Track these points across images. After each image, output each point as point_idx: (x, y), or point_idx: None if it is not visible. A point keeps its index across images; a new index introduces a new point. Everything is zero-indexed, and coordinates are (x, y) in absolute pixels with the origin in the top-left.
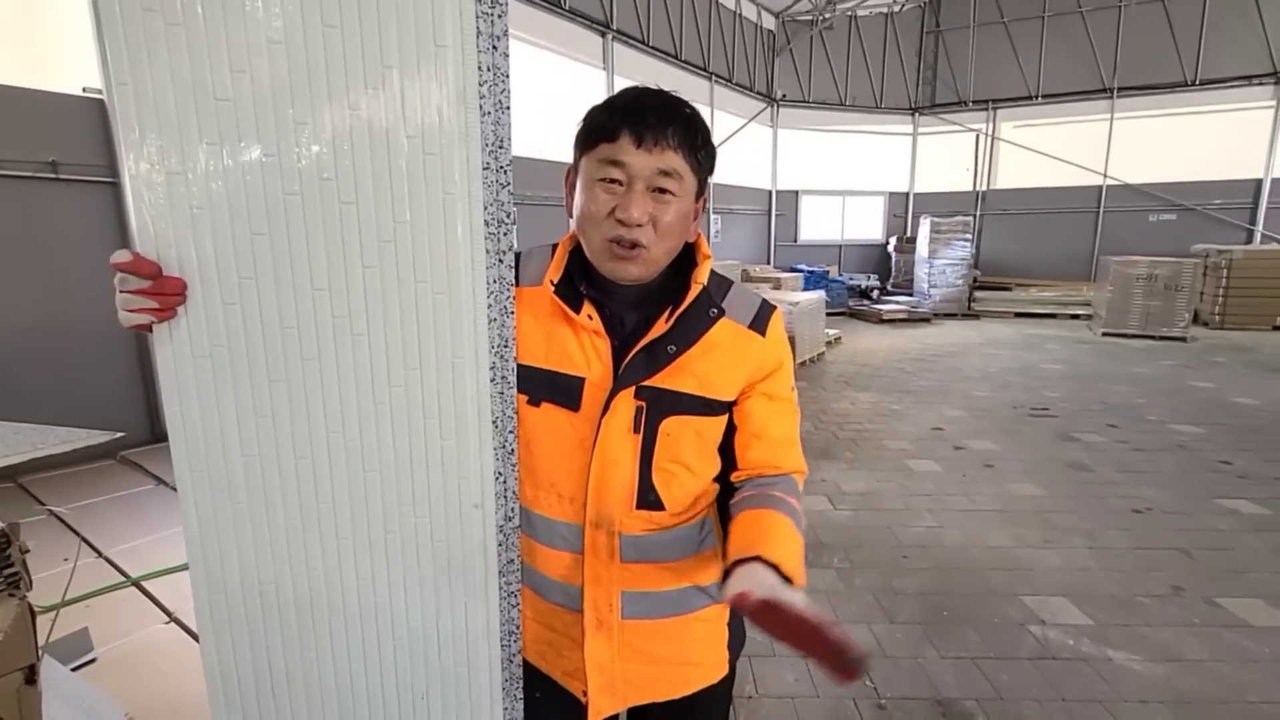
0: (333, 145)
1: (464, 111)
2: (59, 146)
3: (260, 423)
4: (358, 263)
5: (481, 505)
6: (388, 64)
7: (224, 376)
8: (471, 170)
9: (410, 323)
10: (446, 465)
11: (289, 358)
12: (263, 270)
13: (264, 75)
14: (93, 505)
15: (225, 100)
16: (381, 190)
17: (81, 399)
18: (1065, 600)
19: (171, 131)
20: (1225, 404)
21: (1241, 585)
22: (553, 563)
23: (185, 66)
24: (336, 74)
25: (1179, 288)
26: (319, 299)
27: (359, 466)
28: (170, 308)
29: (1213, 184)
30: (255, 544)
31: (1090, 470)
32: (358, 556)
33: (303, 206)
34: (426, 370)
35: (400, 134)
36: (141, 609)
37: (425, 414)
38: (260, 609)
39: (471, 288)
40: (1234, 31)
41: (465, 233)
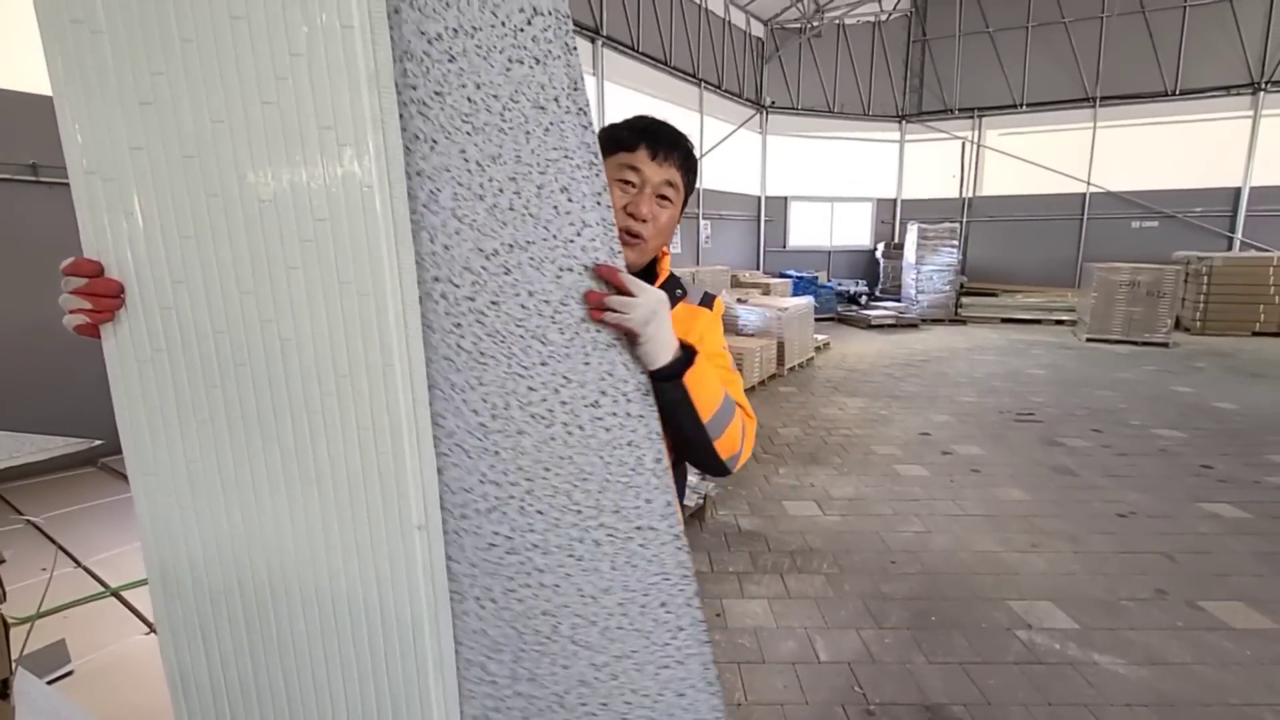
0: (248, 141)
1: (376, 95)
2: (39, 148)
3: (201, 428)
4: (281, 263)
5: (425, 527)
6: (295, 51)
7: (165, 381)
8: (391, 160)
9: (338, 326)
10: (385, 482)
11: (222, 362)
12: (192, 273)
13: (179, 75)
14: (71, 514)
15: (148, 103)
16: (298, 187)
17: (62, 404)
18: (1051, 604)
19: (103, 137)
20: (1206, 408)
21: (1223, 588)
22: None
23: (110, 73)
24: (246, 67)
25: (1161, 294)
26: (246, 302)
27: (296, 477)
28: (107, 310)
29: (1193, 192)
30: (204, 551)
31: (1075, 475)
32: (300, 571)
33: (224, 207)
34: (357, 377)
35: (312, 124)
36: (120, 620)
37: (359, 424)
38: (212, 616)
39: (399, 289)
40: (1213, 43)
41: (387, 229)
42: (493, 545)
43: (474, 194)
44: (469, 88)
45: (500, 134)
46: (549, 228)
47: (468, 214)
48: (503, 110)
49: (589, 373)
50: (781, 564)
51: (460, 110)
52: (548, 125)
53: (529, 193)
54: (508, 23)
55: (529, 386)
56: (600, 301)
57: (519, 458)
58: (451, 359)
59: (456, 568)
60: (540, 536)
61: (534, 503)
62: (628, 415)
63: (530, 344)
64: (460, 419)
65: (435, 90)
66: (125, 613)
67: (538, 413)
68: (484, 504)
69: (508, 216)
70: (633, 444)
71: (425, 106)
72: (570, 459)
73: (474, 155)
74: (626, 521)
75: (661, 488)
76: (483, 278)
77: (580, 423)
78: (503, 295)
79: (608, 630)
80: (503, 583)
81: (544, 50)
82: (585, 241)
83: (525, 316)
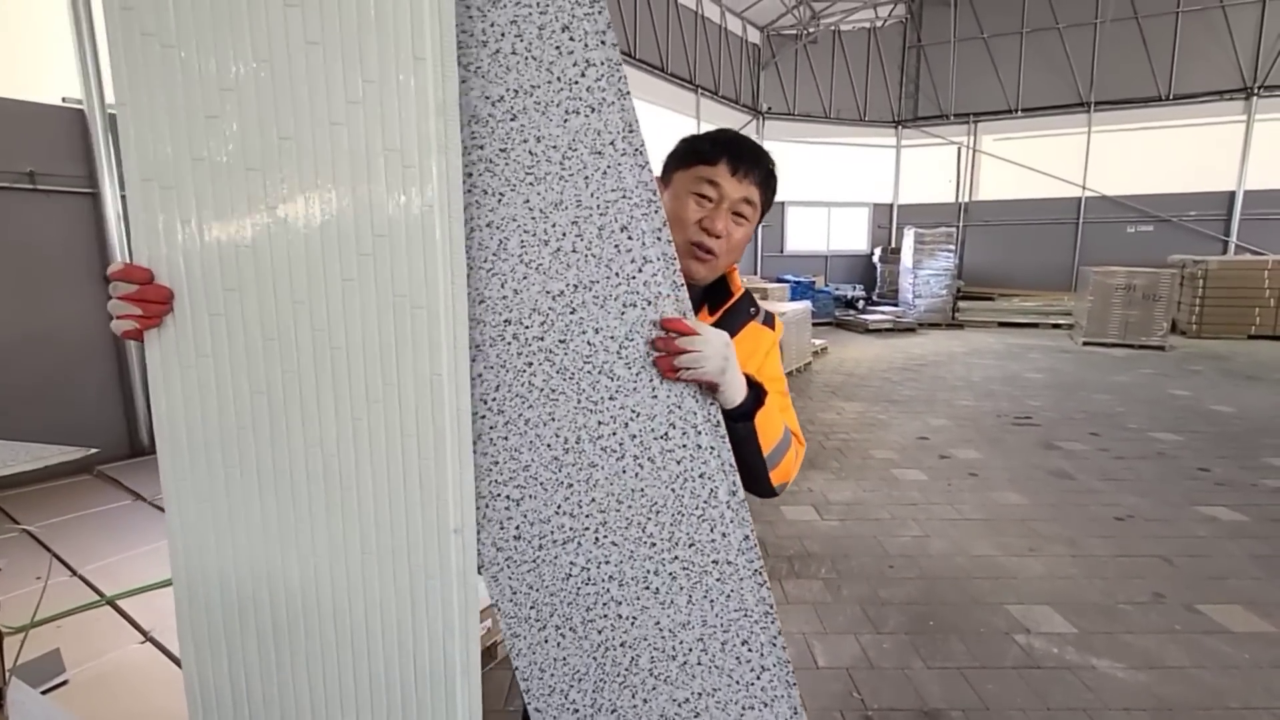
0: (314, 159)
1: (443, 124)
2: (37, 157)
3: (241, 434)
4: (337, 276)
5: (461, 531)
6: (368, 78)
7: (209, 386)
8: (451, 183)
9: (389, 337)
10: (425, 487)
11: (270, 370)
12: (246, 281)
13: (250, 93)
14: (68, 522)
15: (214, 118)
16: (360, 204)
17: (59, 412)
18: (1049, 609)
19: (165, 148)
20: (1202, 411)
21: (1221, 591)
22: None
23: (178, 86)
24: (318, 89)
25: (1157, 297)
26: (299, 311)
27: (336, 484)
28: (156, 315)
29: (1188, 196)
30: (235, 558)
31: (1072, 478)
32: (334, 577)
33: (284, 219)
34: (405, 386)
35: (379, 147)
36: (116, 629)
37: (404, 432)
38: (239, 627)
39: (450, 303)
40: (1205, 49)
41: (444, 247)
42: (570, 575)
43: (539, 240)
44: (530, 142)
45: (561, 181)
46: (611, 266)
47: (534, 259)
48: (562, 159)
49: (657, 406)
50: (779, 569)
51: (523, 164)
52: (605, 169)
53: (590, 234)
54: (563, 77)
55: (599, 421)
56: (671, 363)
57: (592, 490)
58: (524, 396)
59: (536, 595)
60: (616, 568)
61: (608, 534)
62: (698, 448)
63: (598, 379)
64: (535, 453)
65: (500, 148)
66: (121, 621)
67: (608, 446)
68: (560, 535)
69: (571, 259)
70: (705, 476)
71: (492, 164)
72: (642, 491)
73: (537, 204)
74: (702, 555)
75: (738, 521)
76: (550, 318)
77: (650, 455)
78: (570, 334)
79: (687, 665)
80: (581, 612)
81: (598, 99)
82: (647, 277)
83: (592, 353)
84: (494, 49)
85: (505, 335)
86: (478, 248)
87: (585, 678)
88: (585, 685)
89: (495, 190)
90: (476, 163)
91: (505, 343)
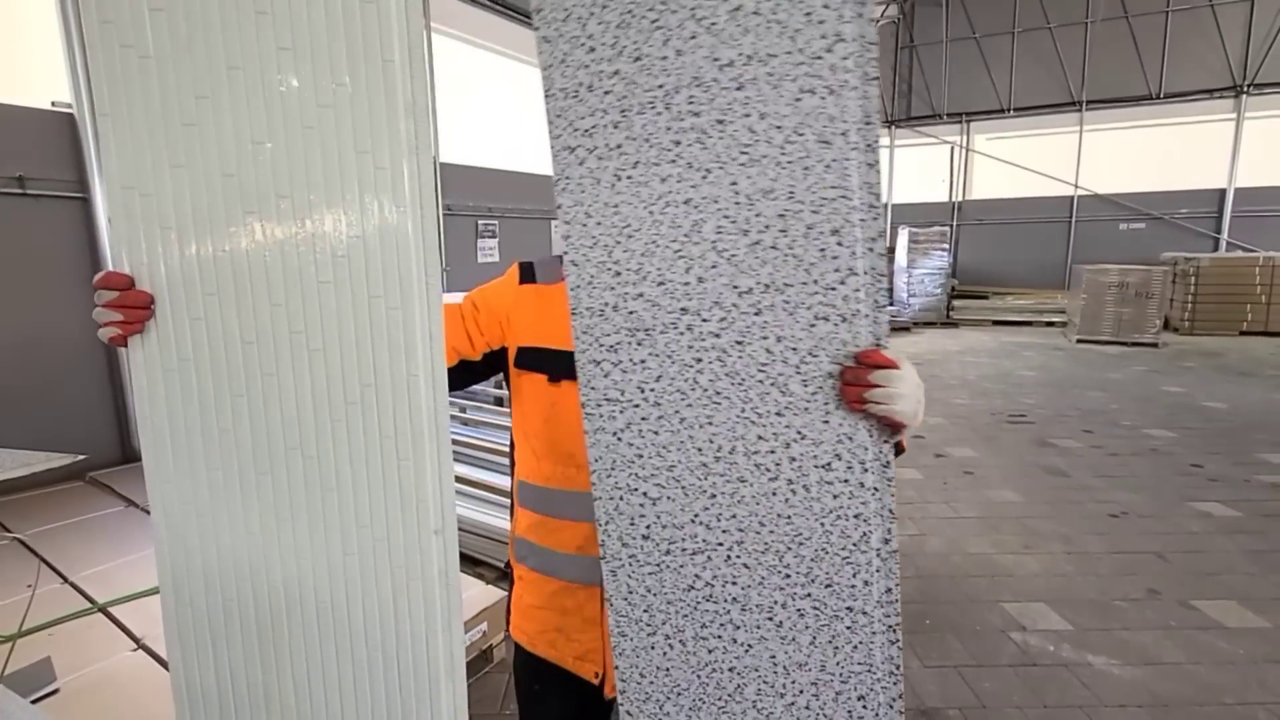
0: (288, 162)
1: (413, 124)
2: (26, 161)
3: (223, 437)
4: (313, 278)
5: (442, 532)
6: (338, 81)
7: (190, 390)
8: (424, 183)
9: (365, 338)
10: (404, 486)
11: (249, 372)
12: (225, 286)
13: (224, 99)
14: (59, 529)
15: (191, 125)
16: (335, 205)
17: (50, 418)
18: (1045, 606)
19: (144, 156)
20: (1195, 408)
21: (1215, 587)
22: (571, 536)
23: (155, 95)
24: (290, 94)
25: (1150, 295)
26: (277, 314)
27: (317, 485)
28: (137, 321)
29: (1179, 194)
30: (219, 558)
31: (1067, 476)
32: (316, 577)
33: (261, 223)
34: (382, 388)
35: (350, 149)
36: (108, 636)
37: (382, 432)
38: (224, 625)
39: (425, 302)
40: (1195, 48)
41: (417, 246)
42: (692, 587)
43: (738, 228)
44: (753, 117)
45: (777, 168)
46: (811, 271)
47: (728, 248)
48: (784, 143)
49: (826, 432)
50: None
51: (739, 140)
52: (830, 161)
53: (796, 232)
54: (806, 50)
55: (759, 435)
56: (861, 395)
57: (735, 506)
58: (685, 393)
59: (652, 600)
60: (742, 591)
61: (742, 555)
62: (860, 486)
63: (769, 391)
64: (684, 454)
65: (718, 119)
66: (113, 629)
67: (763, 464)
68: (692, 544)
69: (769, 255)
70: (861, 517)
71: (704, 135)
72: (789, 519)
73: (745, 188)
74: (837, 598)
75: (885, 572)
76: (732, 316)
77: (807, 483)
78: (749, 336)
79: (794, 707)
80: (695, 627)
81: (840, 80)
82: (849, 291)
83: (769, 362)
84: (734, 4)
85: (679, 324)
86: (669, 225)
87: (685, 693)
88: (683, 701)
89: (702, 165)
90: (688, 130)
91: (678, 332)
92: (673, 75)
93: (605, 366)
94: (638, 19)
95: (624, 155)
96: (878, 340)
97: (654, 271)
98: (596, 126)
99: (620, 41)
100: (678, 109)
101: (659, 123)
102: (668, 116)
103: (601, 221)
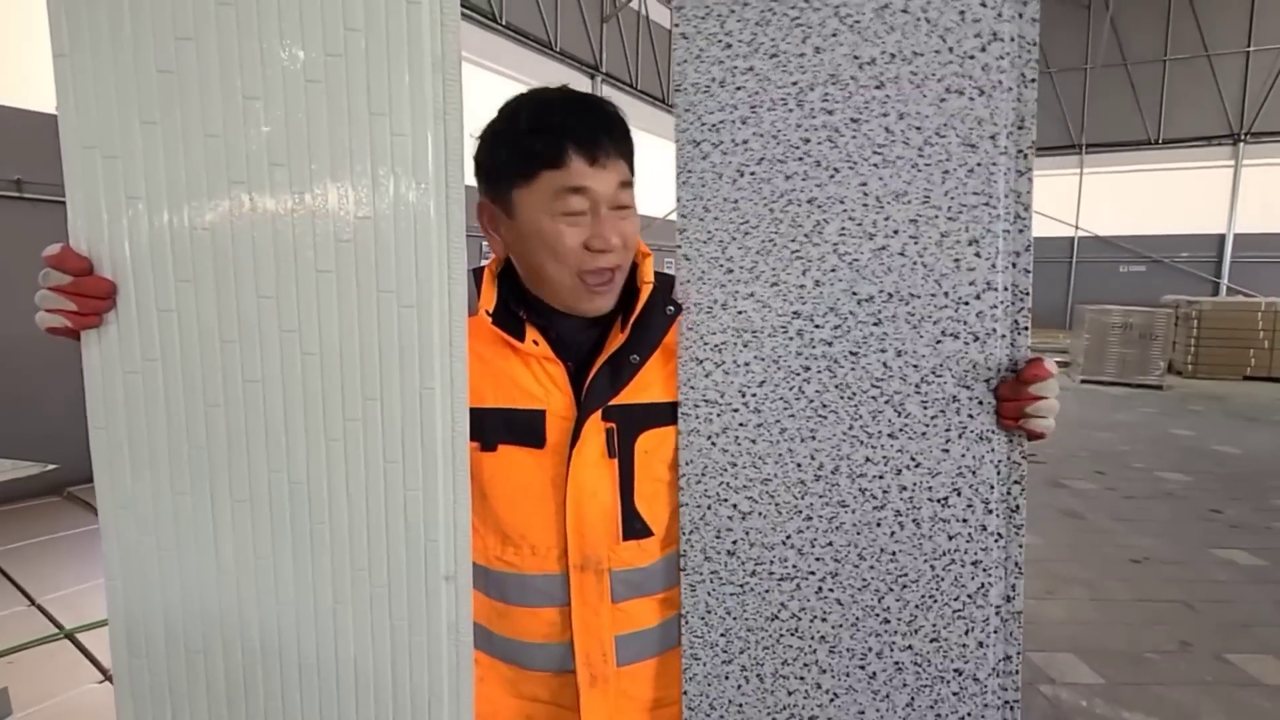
0: (285, 124)
1: (440, 83)
2: (25, 164)
3: (194, 454)
4: (311, 266)
5: (454, 578)
6: (350, 26)
7: (156, 396)
8: (450, 156)
9: (371, 341)
10: (411, 523)
11: (229, 378)
12: (202, 272)
13: (211, 42)
14: (30, 546)
15: (167, 72)
16: (341, 179)
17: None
18: (1073, 657)
19: (109, 109)
20: (1207, 452)
21: (1249, 640)
22: (534, 624)
23: (127, 34)
24: (291, 39)
25: (1154, 337)
26: (265, 308)
27: (305, 517)
28: (94, 312)
29: (1179, 237)
30: (184, 603)
31: (1083, 518)
32: (300, 628)
33: (249, 196)
34: (389, 402)
35: (363, 110)
36: (73, 665)
37: (387, 457)
38: (185, 682)
39: (447, 301)
40: (1193, 95)
41: (440, 233)
42: (776, 617)
43: (864, 232)
44: (891, 116)
45: (913, 170)
46: (942, 283)
47: (850, 252)
48: (923, 144)
49: (946, 462)
50: None
51: (874, 140)
52: (974, 166)
53: (929, 240)
54: (957, 49)
55: (866, 457)
56: (1020, 410)
57: (832, 533)
58: (789, 402)
59: (731, 625)
60: (832, 630)
61: (836, 589)
62: (982, 529)
63: (882, 410)
64: (780, 468)
65: (852, 117)
66: (79, 658)
67: (869, 489)
68: (780, 569)
69: (895, 263)
70: (980, 565)
71: (836, 134)
72: (893, 555)
73: (875, 189)
74: (944, 657)
75: (1005, 635)
76: (848, 324)
77: (918, 517)
78: (865, 348)
79: None
80: (775, 663)
81: (993, 81)
82: (984, 307)
83: (885, 378)
84: (882, 2)
85: (790, 329)
86: (789, 223)
87: None
88: None
89: (830, 164)
90: (819, 128)
91: (788, 337)
92: (809, 72)
93: (707, 366)
94: (778, 16)
95: (749, 151)
96: (1014, 365)
97: (768, 271)
98: (724, 122)
99: (758, 38)
100: (810, 106)
101: (789, 120)
102: (799, 114)
103: (719, 216)
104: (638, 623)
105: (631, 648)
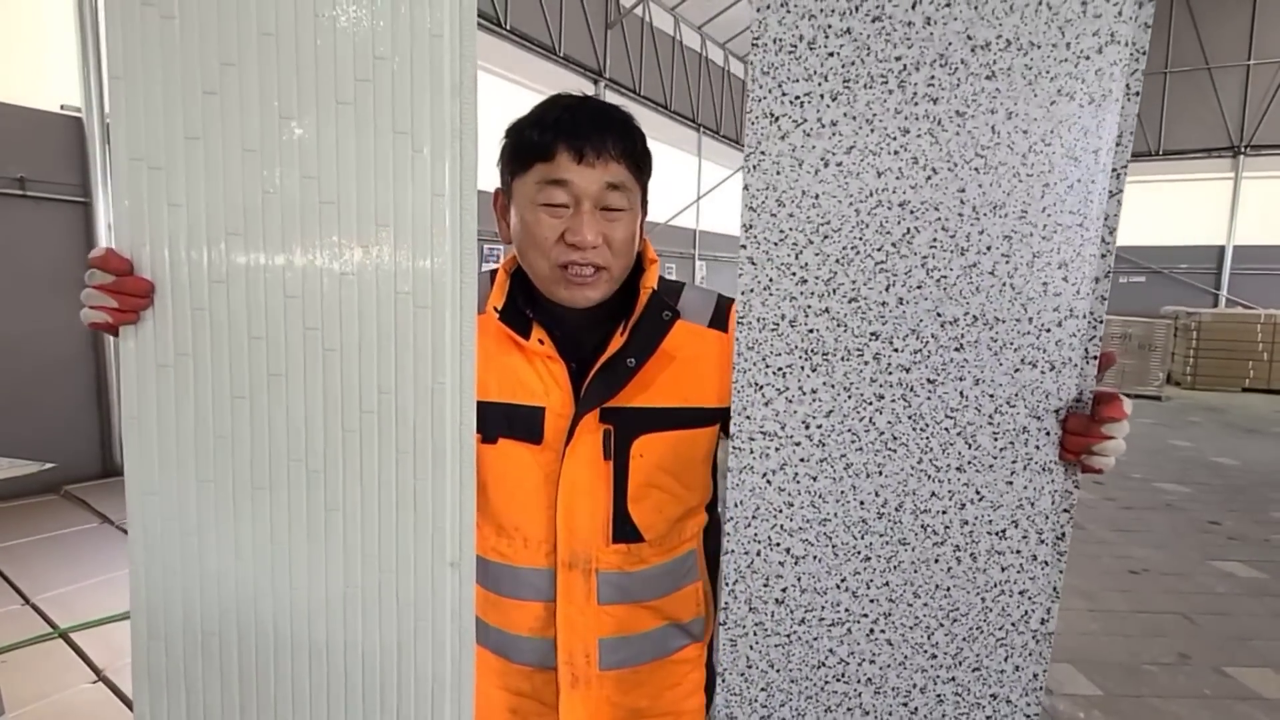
0: (316, 140)
1: (458, 106)
2: (30, 163)
3: (219, 444)
4: (335, 269)
5: (459, 565)
6: (379, 55)
7: (186, 389)
8: (465, 172)
9: (388, 339)
10: (420, 511)
11: (254, 372)
12: (234, 273)
13: (252, 68)
14: (26, 544)
15: (212, 93)
16: (365, 188)
17: (30, 426)
18: (1071, 667)
19: (157, 125)
20: (1206, 463)
21: (1248, 653)
22: (522, 616)
23: (176, 59)
24: (325, 65)
25: (1153, 347)
26: (291, 307)
27: (320, 505)
28: (132, 310)
29: (1178, 249)
30: (202, 585)
31: (1082, 528)
32: (311, 613)
33: (281, 205)
34: (403, 395)
35: (388, 129)
36: (67, 665)
37: (399, 447)
38: (200, 664)
39: (459, 304)
40: (1193, 107)
41: (454, 241)
42: (823, 664)
43: (955, 245)
44: (999, 114)
45: (1014, 179)
46: (1028, 307)
47: (939, 267)
48: (1028, 151)
49: (1008, 495)
50: None
51: (977, 140)
52: (1073, 182)
53: (1020, 259)
54: (1073, 45)
55: (933, 492)
56: (1085, 447)
57: (890, 572)
58: (858, 435)
59: (773, 677)
60: (879, 671)
61: (887, 630)
62: (1033, 559)
63: (954, 441)
64: (842, 507)
65: (959, 110)
66: (73, 657)
67: (931, 525)
68: (832, 614)
69: (985, 282)
70: (1026, 594)
71: (939, 127)
72: (947, 591)
73: (973, 198)
74: (983, 684)
75: (1037, 656)
76: (929, 348)
77: (975, 551)
78: (943, 375)
79: None
80: (818, 711)
81: (1104, 89)
82: (1064, 335)
83: (960, 407)
84: None
85: (866, 352)
86: (877, 229)
87: None
88: None
89: (929, 163)
90: (921, 118)
91: (863, 361)
92: (916, 47)
93: (768, 393)
94: None
95: (838, 136)
96: (1080, 395)
97: (847, 284)
98: (811, 95)
99: None
100: (913, 90)
101: (888, 103)
102: (900, 97)
103: (795, 214)
104: (624, 628)
105: (616, 653)
